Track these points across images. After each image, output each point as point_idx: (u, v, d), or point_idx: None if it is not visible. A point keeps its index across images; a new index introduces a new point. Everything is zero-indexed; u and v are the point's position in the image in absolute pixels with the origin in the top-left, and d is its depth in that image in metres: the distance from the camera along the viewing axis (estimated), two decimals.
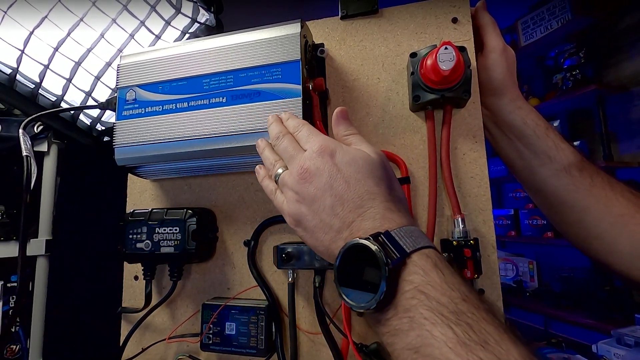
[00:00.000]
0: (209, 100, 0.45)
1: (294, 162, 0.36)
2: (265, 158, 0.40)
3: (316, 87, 0.45)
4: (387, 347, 0.29)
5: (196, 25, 0.65)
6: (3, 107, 0.69)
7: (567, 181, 0.47)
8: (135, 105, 0.48)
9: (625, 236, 0.44)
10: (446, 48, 0.40)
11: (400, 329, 0.27)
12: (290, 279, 0.47)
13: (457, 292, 0.27)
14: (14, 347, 0.68)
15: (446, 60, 0.40)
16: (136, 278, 0.55)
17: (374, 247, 0.28)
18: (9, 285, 0.69)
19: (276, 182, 0.38)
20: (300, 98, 0.42)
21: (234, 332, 0.47)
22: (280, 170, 0.37)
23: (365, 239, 0.29)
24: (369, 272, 0.29)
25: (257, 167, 0.42)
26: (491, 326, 0.25)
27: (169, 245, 0.48)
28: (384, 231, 0.29)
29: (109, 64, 0.64)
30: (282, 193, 0.37)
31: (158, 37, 0.63)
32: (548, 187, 0.49)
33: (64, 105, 0.68)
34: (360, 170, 0.34)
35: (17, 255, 0.51)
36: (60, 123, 0.70)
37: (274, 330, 0.47)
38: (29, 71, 0.62)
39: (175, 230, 0.48)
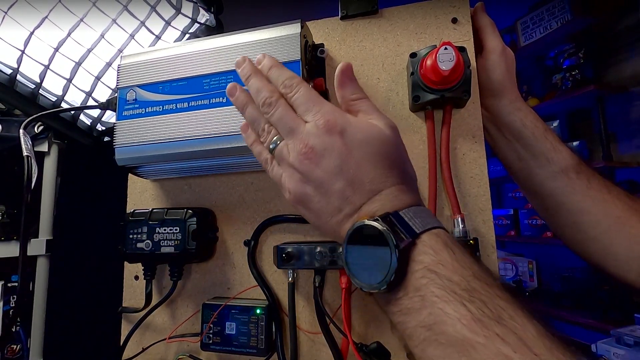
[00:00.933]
0: (209, 100, 0.45)
1: (295, 137, 0.32)
2: (251, 118, 0.35)
3: (316, 88, 0.45)
4: (399, 327, 0.29)
5: (196, 25, 0.65)
6: (3, 107, 0.69)
7: (565, 183, 0.47)
8: (136, 106, 0.48)
9: (622, 239, 0.44)
10: (446, 48, 0.40)
11: (412, 308, 0.27)
12: (290, 279, 0.47)
13: (468, 270, 0.27)
14: (15, 346, 0.68)
15: (446, 61, 0.40)
16: (136, 278, 0.55)
17: (382, 228, 0.27)
18: (9, 285, 0.69)
19: (271, 152, 0.34)
20: None
21: (234, 332, 0.47)
22: (276, 142, 0.33)
23: (374, 220, 0.28)
24: (378, 251, 0.28)
25: (243, 125, 0.37)
26: (505, 302, 0.25)
27: (169, 245, 0.48)
28: (393, 212, 0.29)
29: (109, 64, 0.64)
30: (279, 166, 0.34)
31: (158, 37, 0.63)
32: (545, 189, 0.49)
33: (64, 105, 0.68)
34: (373, 152, 0.31)
35: (17, 255, 0.51)
36: (60, 123, 0.70)
37: (274, 330, 0.47)
38: (30, 71, 0.62)
39: (176, 230, 0.48)
